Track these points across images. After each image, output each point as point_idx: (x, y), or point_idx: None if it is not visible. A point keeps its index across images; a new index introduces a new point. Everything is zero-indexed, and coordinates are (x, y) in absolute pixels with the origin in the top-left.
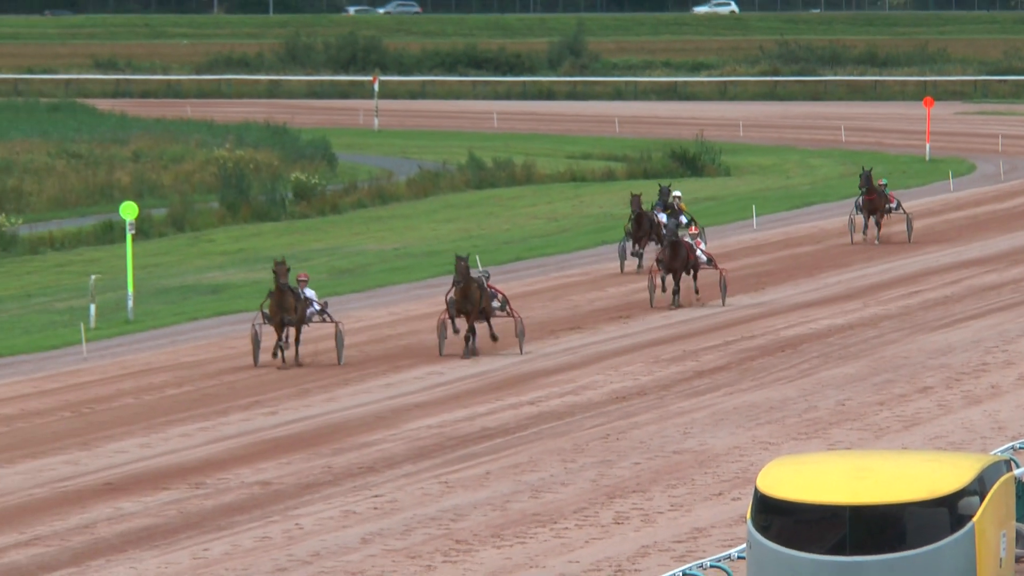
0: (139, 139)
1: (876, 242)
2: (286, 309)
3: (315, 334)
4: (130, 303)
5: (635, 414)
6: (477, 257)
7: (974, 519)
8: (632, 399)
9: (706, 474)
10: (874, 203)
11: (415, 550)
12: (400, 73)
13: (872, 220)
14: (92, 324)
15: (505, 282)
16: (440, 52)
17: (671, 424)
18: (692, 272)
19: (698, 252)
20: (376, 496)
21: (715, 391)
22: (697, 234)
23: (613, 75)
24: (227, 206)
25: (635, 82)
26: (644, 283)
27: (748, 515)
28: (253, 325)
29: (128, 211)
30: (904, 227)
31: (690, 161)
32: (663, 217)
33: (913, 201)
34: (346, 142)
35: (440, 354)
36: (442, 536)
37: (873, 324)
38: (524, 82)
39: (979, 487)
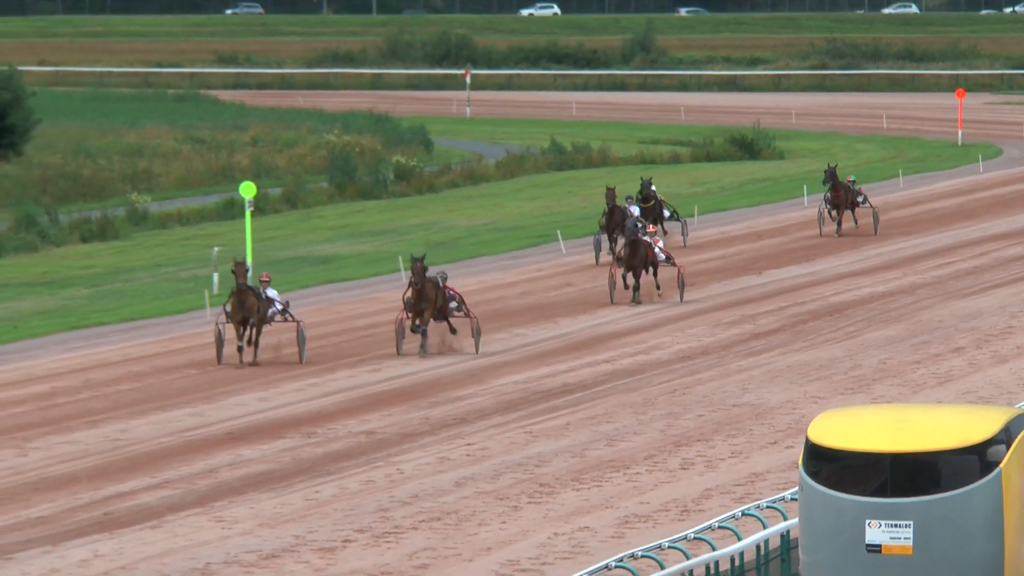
0: (256, 126)
1: (843, 233)
2: (247, 309)
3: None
4: (249, 271)
5: (699, 371)
6: (446, 274)
7: (1001, 465)
8: (696, 358)
9: (762, 425)
10: (839, 198)
11: (503, 492)
12: (489, 67)
13: (841, 214)
14: (215, 291)
15: (581, 255)
16: (524, 48)
17: (731, 380)
18: (652, 269)
19: (656, 250)
20: (468, 444)
21: (770, 351)
22: (655, 232)
23: (679, 69)
24: (335, 186)
25: (698, 75)
26: (708, 255)
27: (800, 462)
28: (216, 324)
29: (247, 190)
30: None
31: (748, 146)
32: (635, 210)
33: (947, 182)
34: (441, 129)
35: (399, 353)
36: (527, 480)
37: (910, 291)
38: (599, 75)
39: (1006, 436)
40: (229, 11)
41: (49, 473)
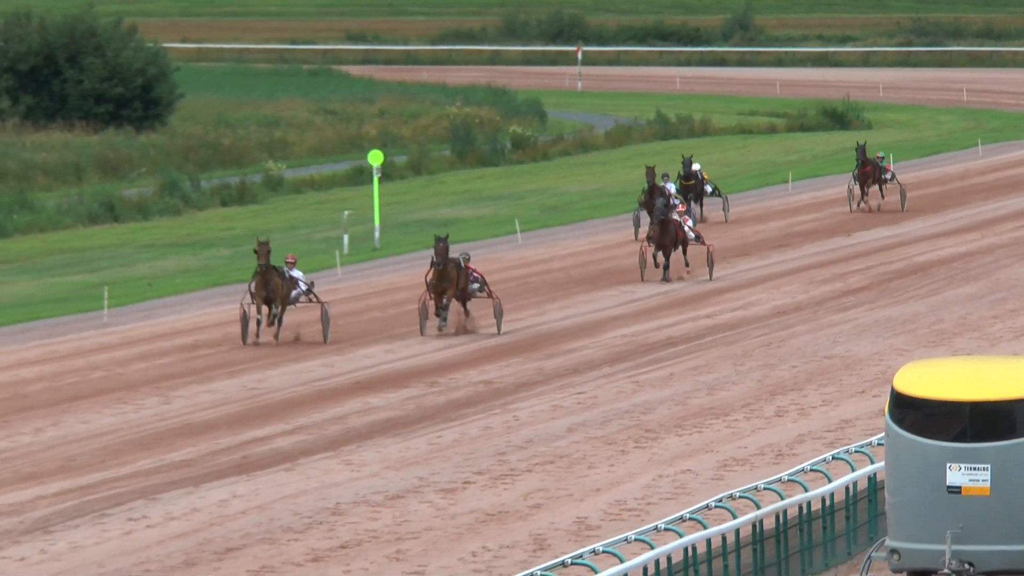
0: (383, 99)
1: (877, 208)
2: (270, 289)
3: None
4: (376, 234)
5: (793, 326)
6: (469, 254)
7: None
8: (790, 313)
9: (851, 375)
10: (868, 175)
11: (611, 437)
12: (599, 44)
13: (869, 189)
14: (345, 251)
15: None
16: (633, 27)
17: (823, 334)
18: (682, 248)
19: (686, 229)
20: (579, 393)
21: (859, 307)
22: (684, 212)
23: (775, 46)
24: (456, 154)
25: (793, 52)
26: (802, 217)
27: (886, 409)
28: (241, 304)
29: (375, 158)
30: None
31: (838, 117)
32: (672, 188)
33: (1023, 151)
34: (554, 101)
35: (422, 333)
36: (634, 426)
37: (989, 252)
38: (701, 52)
39: None
40: None
41: (191, 420)
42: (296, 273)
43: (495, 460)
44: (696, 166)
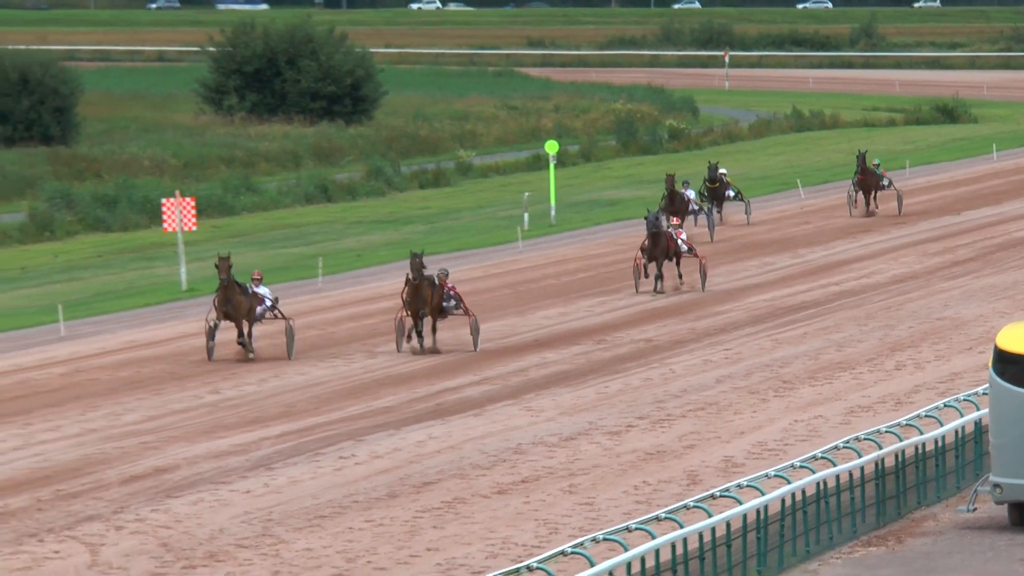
0: (558, 96)
1: (875, 212)
2: (231, 304)
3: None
4: (552, 212)
5: (909, 292)
6: (448, 269)
7: None
8: (907, 281)
9: (960, 335)
10: (867, 182)
11: (753, 388)
12: (743, 49)
13: (871, 196)
14: (526, 227)
15: (817, 197)
16: (771, 35)
17: (935, 299)
18: (675, 260)
19: (679, 242)
20: (726, 349)
21: (966, 276)
22: (679, 225)
23: (894, 51)
24: (621, 144)
25: (910, 56)
26: (918, 199)
27: (990, 364)
28: (206, 319)
29: (551, 147)
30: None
31: (949, 112)
32: (692, 194)
33: None
34: (705, 98)
35: (398, 351)
36: (773, 378)
37: None
38: (831, 56)
39: None
40: (532, 4)
41: (393, 371)
42: (262, 290)
43: (654, 407)
44: (722, 170)
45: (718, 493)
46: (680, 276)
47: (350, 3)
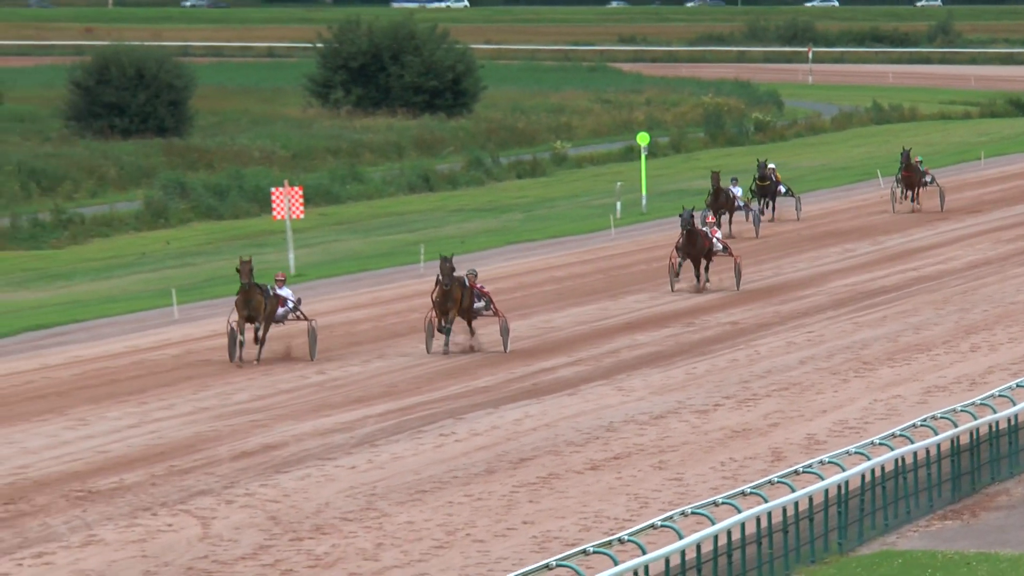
0: (649, 90)
1: (918, 209)
2: (252, 307)
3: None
4: (643, 200)
5: (983, 277)
6: (476, 270)
7: None
8: (981, 267)
9: None
10: (910, 178)
11: (835, 368)
12: (826, 46)
13: (915, 192)
14: (618, 215)
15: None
16: (853, 32)
17: (1009, 284)
18: (709, 259)
19: (714, 240)
20: (809, 332)
21: None
22: (714, 223)
23: (970, 47)
24: (709, 135)
25: (984, 52)
26: (992, 188)
27: None
28: (228, 321)
29: (643, 139)
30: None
31: (1022, 106)
32: (738, 191)
33: None
34: (789, 92)
35: (428, 351)
36: (853, 359)
37: None
38: (910, 52)
39: None
40: (614, 3)
41: (490, 353)
42: (284, 291)
43: (740, 387)
44: (771, 166)
45: (801, 469)
46: (707, 278)
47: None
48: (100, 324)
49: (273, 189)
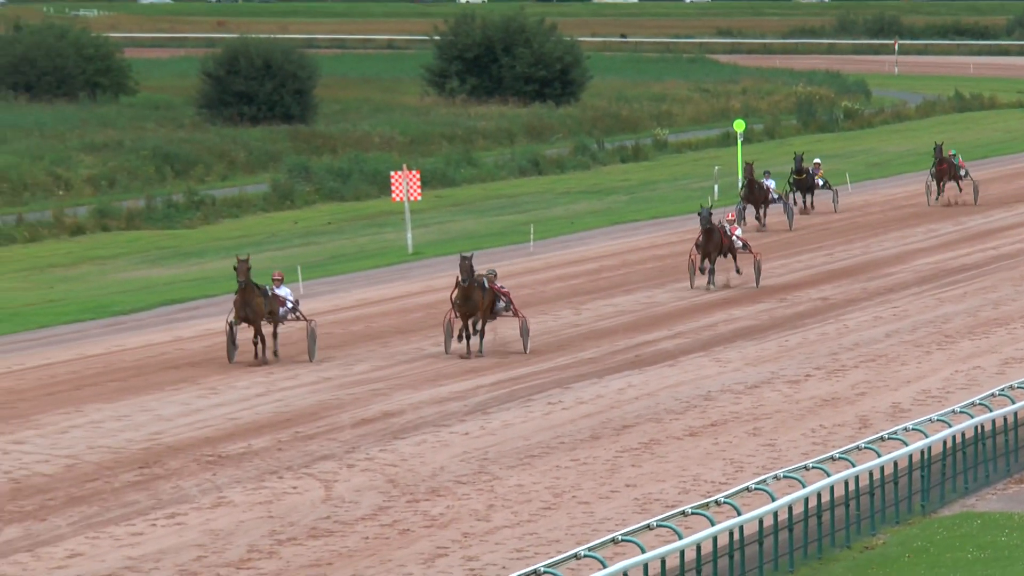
0: (745, 80)
1: (954, 201)
2: (250, 307)
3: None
4: (740, 184)
5: None
6: (496, 270)
7: None
8: None
9: None
10: (944, 172)
11: (918, 341)
12: (912, 38)
13: (944, 184)
14: (715, 197)
15: (977, 171)
16: (936, 25)
17: None
18: (732, 255)
19: (733, 238)
20: (894, 307)
21: None
22: (734, 220)
23: None
24: (802, 123)
25: None
26: None
27: None
28: (227, 321)
29: (739, 126)
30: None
31: None
32: (772, 183)
33: None
34: (877, 82)
35: (446, 352)
36: (936, 333)
37: None
38: (990, 44)
39: None
40: None
41: (596, 327)
42: (283, 291)
43: (829, 358)
44: (816, 160)
45: (886, 436)
46: (738, 270)
47: None
48: (230, 299)
49: (392, 172)
